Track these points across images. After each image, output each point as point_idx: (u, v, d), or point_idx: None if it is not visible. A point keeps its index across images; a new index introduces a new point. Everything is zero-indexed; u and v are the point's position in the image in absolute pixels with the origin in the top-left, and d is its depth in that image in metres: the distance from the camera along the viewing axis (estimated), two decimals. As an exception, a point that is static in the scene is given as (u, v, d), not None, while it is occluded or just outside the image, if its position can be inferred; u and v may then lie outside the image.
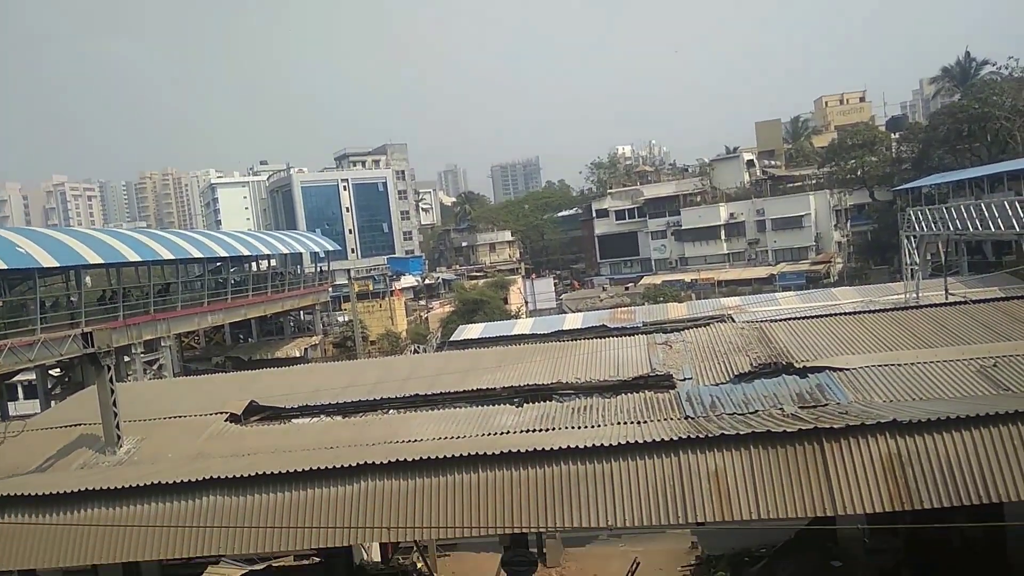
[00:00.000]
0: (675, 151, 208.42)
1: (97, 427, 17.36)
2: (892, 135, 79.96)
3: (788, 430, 11.92)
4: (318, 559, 18.35)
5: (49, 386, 38.79)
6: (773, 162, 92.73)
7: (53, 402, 35.36)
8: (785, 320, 21.80)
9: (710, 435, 12.16)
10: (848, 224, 77.62)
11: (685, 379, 17.50)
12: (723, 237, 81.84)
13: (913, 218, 38.97)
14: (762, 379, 16.40)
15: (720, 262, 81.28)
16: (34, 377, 38.42)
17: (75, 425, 18.52)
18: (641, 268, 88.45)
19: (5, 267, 30.81)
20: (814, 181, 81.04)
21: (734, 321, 25.74)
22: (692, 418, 14.39)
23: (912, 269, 36.50)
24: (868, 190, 74.15)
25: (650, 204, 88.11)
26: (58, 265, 34.38)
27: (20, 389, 41.58)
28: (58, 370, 37.37)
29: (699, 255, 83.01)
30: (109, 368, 17.17)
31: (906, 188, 56.28)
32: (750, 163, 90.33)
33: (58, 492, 13.49)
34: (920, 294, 31.25)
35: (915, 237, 38.31)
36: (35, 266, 32.48)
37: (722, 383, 16.80)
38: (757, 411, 14.43)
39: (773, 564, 16.42)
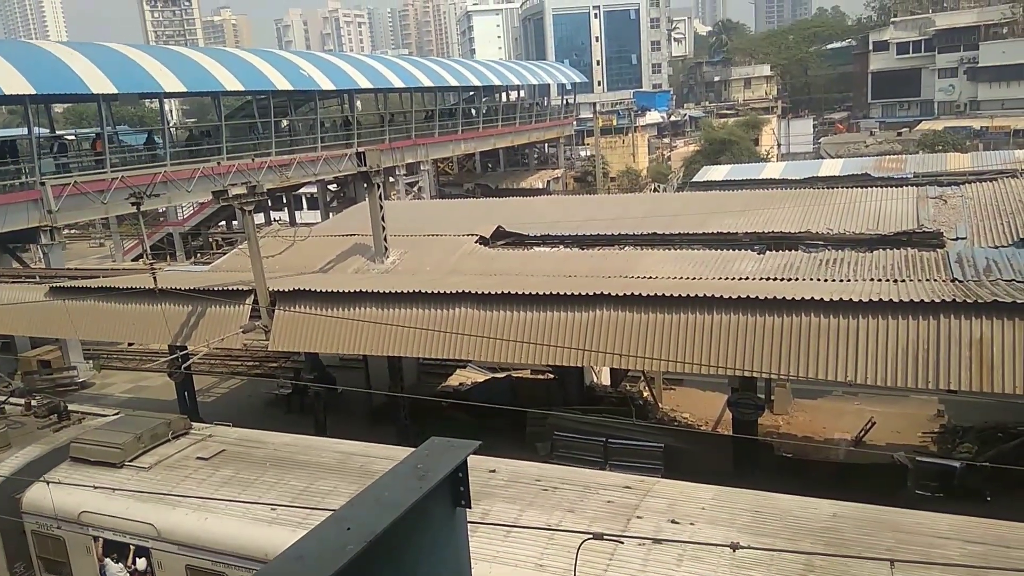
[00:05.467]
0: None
1: (368, 238, 19.56)
2: None
3: (1079, 304, 10.53)
4: (552, 375, 19.85)
5: (328, 199, 43.87)
6: (1118, -19, 75.14)
7: (331, 214, 40.07)
8: (1098, 179, 18.62)
9: (979, 300, 11.11)
10: None
11: (958, 239, 15.83)
12: (1032, 77, 69.35)
13: None
14: (1055, 245, 14.39)
15: (1022, 107, 69.45)
16: (315, 191, 43.57)
17: (350, 235, 21.03)
18: (920, 111, 78.13)
19: (291, 88, 34.33)
20: None
21: (1029, 177, 22.38)
22: (960, 281, 13.11)
23: None
24: None
25: (941, 36, 76.16)
26: (335, 88, 37.63)
27: (304, 201, 47.49)
28: (335, 185, 41.95)
29: (996, 98, 71.36)
30: (379, 186, 18.99)
31: None
32: (1085, -16, 73.95)
33: (339, 291, 15.66)
34: None
35: None
36: (315, 88, 35.84)
37: (1003, 246, 15.02)
38: (1042, 280, 12.80)
39: (1032, 445, 15.08)
